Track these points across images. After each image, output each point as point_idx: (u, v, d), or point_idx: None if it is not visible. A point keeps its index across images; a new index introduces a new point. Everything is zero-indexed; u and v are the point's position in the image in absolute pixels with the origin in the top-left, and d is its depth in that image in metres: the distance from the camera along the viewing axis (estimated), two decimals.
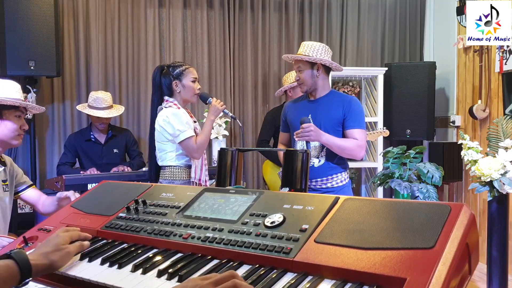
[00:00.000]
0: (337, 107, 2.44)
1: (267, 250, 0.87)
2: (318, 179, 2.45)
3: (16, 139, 1.95)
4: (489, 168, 2.39)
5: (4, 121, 1.88)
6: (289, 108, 2.62)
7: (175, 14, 4.14)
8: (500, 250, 2.52)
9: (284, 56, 2.60)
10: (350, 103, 2.43)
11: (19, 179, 2.09)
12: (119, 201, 1.23)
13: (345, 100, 2.46)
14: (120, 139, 3.54)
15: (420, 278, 0.69)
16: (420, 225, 0.80)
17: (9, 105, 1.88)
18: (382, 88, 4.12)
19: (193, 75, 2.52)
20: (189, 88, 2.49)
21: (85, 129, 3.58)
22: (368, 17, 4.57)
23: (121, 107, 3.60)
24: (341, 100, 2.45)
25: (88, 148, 3.43)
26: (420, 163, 2.71)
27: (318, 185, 2.45)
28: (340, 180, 2.47)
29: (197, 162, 2.45)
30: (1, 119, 1.88)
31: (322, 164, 2.44)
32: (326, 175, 2.45)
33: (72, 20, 3.89)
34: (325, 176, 2.45)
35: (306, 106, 2.52)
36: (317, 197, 1.01)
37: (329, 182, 2.45)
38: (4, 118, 1.88)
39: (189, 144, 2.40)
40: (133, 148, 3.58)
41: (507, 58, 3.56)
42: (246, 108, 4.32)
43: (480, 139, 3.85)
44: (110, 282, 0.89)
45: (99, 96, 3.38)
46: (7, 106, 1.87)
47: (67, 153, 3.42)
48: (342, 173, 2.48)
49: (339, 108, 2.43)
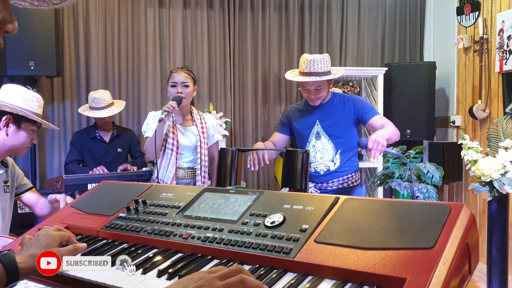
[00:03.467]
0: (343, 108, 2.52)
1: (267, 250, 0.87)
2: (334, 179, 2.51)
3: (22, 151, 1.99)
4: (489, 168, 2.39)
5: (19, 131, 1.90)
6: (294, 114, 2.63)
7: (175, 14, 4.14)
8: (500, 250, 2.52)
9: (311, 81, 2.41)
10: (354, 100, 2.53)
11: (20, 181, 2.11)
12: (119, 201, 1.23)
13: (349, 100, 2.54)
14: (125, 138, 3.54)
15: (420, 278, 0.69)
16: (420, 225, 0.80)
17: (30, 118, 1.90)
18: (382, 88, 4.12)
19: (172, 79, 2.56)
20: (170, 94, 2.58)
21: (90, 127, 3.57)
22: (368, 17, 4.57)
23: (122, 103, 3.58)
24: (346, 101, 2.54)
25: (93, 146, 3.42)
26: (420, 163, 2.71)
27: (335, 185, 2.53)
28: (355, 179, 2.56)
29: (159, 162, 2.55)
30: (18, 129, 1.90)
31: (338, 167, 2.50)
32: (342, 175, 2.52)
33: (72, 20, 3.89)
34: (341, 176, 2.52)
35: (312, 112, 2.55)
36: (317, 197, 1.01)
37: (345, 182, 2.53)
38: (21, 129, 1.91)
39: (145, 144, 2.62)
40: (136, 149, 3.59)
41: (507, 58, 3.55)
42: (246, 108, 4.32)
43: (480, 139, 3.85)
44: (110, 282, 0.89)
45: (96, 96, 3.37)
46: (27, 118, 1.89)
47: (74, 150, 3.41)
48: (356, 173, 2.58)
49: (347, 109, 2.51)
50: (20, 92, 1.91)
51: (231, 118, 4.25)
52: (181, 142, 2.56)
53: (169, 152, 2.53)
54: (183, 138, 2.59)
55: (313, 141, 2.53)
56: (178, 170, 2.57)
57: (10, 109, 1.84)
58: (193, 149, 2.60)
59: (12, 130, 1.88)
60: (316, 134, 2.52)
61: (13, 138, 1.89)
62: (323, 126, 2.50)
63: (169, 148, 2.53)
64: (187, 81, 2.55)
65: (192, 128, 2.62)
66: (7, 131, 1.87)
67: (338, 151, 2.49)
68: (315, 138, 2.52)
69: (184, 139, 2.59)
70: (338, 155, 2.49)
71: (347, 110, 2.50)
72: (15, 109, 1.85)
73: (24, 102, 1.88)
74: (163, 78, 4.14)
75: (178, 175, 2.57)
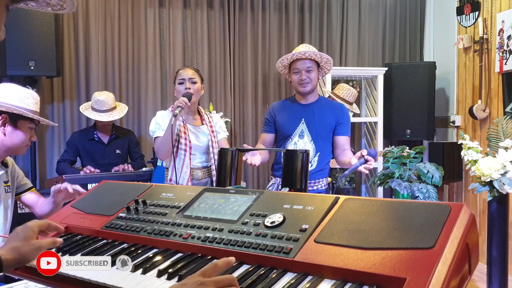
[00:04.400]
0: (330, 114, 2.54)
1: (267, 250, 0.87)
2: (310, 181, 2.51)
3: (22, 150, 1.97)
4: (489, 168, 2.39)
5: (17, 130, 1.88)
6: (278, 111, 2.61)
7: (175, 14, 4.14)
8: (500, 250, 2.52)
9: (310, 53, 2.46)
10: (342, 111, 2.57)
11: (20, 181, 2.11)
12: (119, 201, 1.23)
13: (337, 107, 2.58)
14: (124, 140, 3.52)
15: (420, 278, 0.69)
16: (420, 225, 0.80)
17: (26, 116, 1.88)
18: (382, 88, 4.12)
19: (179, 77, 2.51)
20: (177, 92, 2.52)
21: (89, 128, 3.56)
22: (368, 17, 4.57)
23: (125, 107, 3.57)
24: (333, 108, 2.56)
25: (91, 148, 3.41)
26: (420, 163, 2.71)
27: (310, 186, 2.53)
28: (324, 184, 2.59)
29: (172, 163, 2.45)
30: (15, 128, 1.88)
31: (314, 168, 2.51)
32: (315, 178, 2.53)
33: (72, 20, 3.89)
34: (314, 180, 2.53)
35: (298, 110, 2.55)
36: (317, 197, 1.01)
37: (316, 185, 2.55)
38: (18, 128, 1.88)
39: (155, 144, 2.49)
40: (135, 150, 3.58)
41: (507, 58, 3.55)
42: (246, 108, 4.32)
43: (480, 139, 3.85)
44: (110, 282, 0.89)
45: (100, 99, 3.36)
46: (23, 116, 1.87)
47: (69, 150, 3.40)
48: (326, 178, 2.61)
49: (332, 115, 2.53)
50: (15, 90, 1.89)
51: (231, 118, 4.25)
52: (193, 143, 2.49)
53: (182, 152, 2.45)
54: (195, 138, 2.52)
55: (296, 139, 2.51)
56: (193, 171, 2.49)
57: (5, 109, 1.82)
58: (205, 149, 2.54)
59: (10, 129, 1.86)
60: (300, 133, 2.52)
61: (12, 138, 1.88)
62: (308, 125, 2.50)
63: (182, 149, 2.45)
64: (195, 77, 2.50)
65: (203, 128, 2.56)
66: (4, 131, 1.85)
67: (317, 154, 2.49)
68: (298, 136, 2.51)
69: (196, 140, 2.52)
70: (317, 157, 2.50)
71: (333, 116, 2.52)
72: (10, 108, 1.83)
73: (19, 100, 1.86)
74: (163, 78, 4.14)
75: (195, 176, 2.49)
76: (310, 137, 2.50)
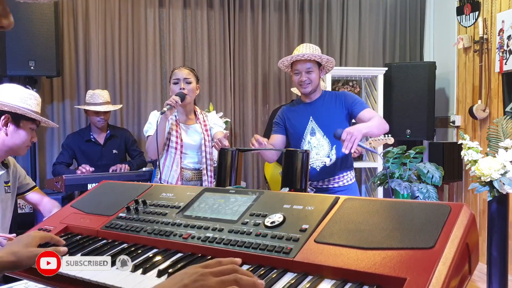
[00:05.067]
0: (336, 104, 2.51)
1: (267, 250, 0.87)
2: (330, 178, 2.49)
3: (23, 150, 1.98)
4: (489, 168, 2.39)
5: (19, 130, 1.89)
6: (289, 113, 2.62)
7: (175, 14, 4.14)
8: (500, 250, 2.52)
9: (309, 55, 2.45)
10: (345, 96, 2.53)
11: (22, 181, 2.11)
12: (119, 201, 1.23)
13: (339, 95, 2.55)
14: (119, 139, 3.50)
15: (420, 278, 0.69)
16: (420, 225, 0.80)
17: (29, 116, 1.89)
18: (382, 88, 4.12)
19: (174, 76, 2.51)
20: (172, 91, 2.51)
21: (84, 129, 3.55)
22: (368, 17, 4.57)
23: (119, 105, 3.60)
24: (336, 97, 2.54)
25: (87, 149, 3.39)
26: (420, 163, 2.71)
27: (331, 184, 2.50)
28: (350, 178, 2.54)
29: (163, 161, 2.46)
30: (17, 128, 1.89)
31: (334, 162, 2.48)
32: (337, 173, 2.50)
33: (72, 20, 3.89)
34: (337, 175, 2.50)
35: (304, 109, 2.55)
36: (317, 197, 1.01)
37: (341, 181, 2.51)
38: (20, 128, 1.90)
39: (146, 143, 2.50)
40: (133, 148, 3.55)
41: (507, 58, 3.55)
42: (246, 108, 4.32)
43: (480, 139, 3.85)
44: (110, 282, 0.89)
45: (95, 92, 3.38)
46: (26, 117, 1.88)
47: (64, 153, 3.38)
48: (351, 171, 2.56)
49: (338, 104, 2.51)
50: (18, 91, 1.90)
51: (231, 118, 4.25)
52: (185, 141, 2.49)
53: (173, 151, 2.45)
54: (187, 137, 2.51)
55: (308, 138, 2.52)
56: (183, 171, 2.48)
57: (8, 108, 1.83)
58: (197, 148, 2.53)
59: (12, 129, 1.87)
60: (311, 131, 2.52)
61: (13, 138, 1.88)
62: (317, 122, 2.50)
63: (173, 146, 2.45)
64: (190, 77, 2.49)
65: (195, 126, 2.55)
66: (6, 131, 1.86)
67: (333, 146, 2.48)
68: (310, 135, 2.52)
69: (188, 138, 2.51)
70: (334, 150, 2.48)
71: (339, 105, 2.50)
72: (14, 108, 1.84)
73: (22, 101, 1.88)
74: (163, 78, 4.14)
75: (184, 176, 2.49)
76: (321, 132, 2.50)
